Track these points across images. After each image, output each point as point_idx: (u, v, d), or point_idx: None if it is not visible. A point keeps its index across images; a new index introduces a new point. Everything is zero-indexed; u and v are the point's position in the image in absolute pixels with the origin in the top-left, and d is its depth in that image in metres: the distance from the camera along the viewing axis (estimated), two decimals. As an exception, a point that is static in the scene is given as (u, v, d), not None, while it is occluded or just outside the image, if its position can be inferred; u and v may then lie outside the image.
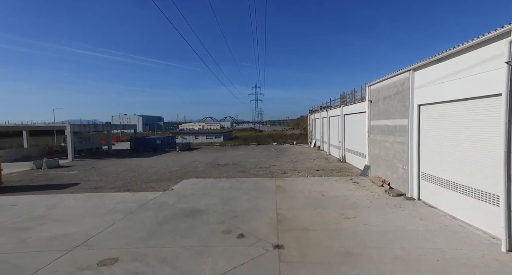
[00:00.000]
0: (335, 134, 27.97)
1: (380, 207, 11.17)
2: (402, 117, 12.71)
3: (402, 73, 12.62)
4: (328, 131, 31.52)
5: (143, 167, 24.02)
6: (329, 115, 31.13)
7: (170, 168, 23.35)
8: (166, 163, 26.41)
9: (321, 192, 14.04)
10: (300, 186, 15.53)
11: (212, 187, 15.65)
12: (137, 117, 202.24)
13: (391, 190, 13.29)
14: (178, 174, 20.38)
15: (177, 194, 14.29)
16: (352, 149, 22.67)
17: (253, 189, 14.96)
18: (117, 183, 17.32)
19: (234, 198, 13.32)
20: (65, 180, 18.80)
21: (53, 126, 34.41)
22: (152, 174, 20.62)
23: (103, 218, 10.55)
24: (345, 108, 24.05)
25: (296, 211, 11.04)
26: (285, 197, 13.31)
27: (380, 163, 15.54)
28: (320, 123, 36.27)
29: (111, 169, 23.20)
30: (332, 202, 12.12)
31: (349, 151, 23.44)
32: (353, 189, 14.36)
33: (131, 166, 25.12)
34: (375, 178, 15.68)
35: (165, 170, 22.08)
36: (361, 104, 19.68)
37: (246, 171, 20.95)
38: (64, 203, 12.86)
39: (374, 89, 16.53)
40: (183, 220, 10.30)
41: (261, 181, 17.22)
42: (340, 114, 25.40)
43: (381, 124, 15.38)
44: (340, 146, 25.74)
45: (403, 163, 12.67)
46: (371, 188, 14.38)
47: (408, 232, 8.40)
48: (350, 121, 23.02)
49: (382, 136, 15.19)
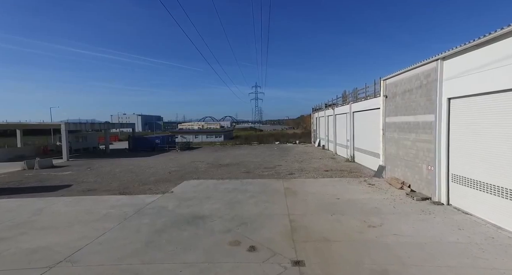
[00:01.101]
0: (343, 133, 26.74)
1: (406, 213, 9.94)
2: (427, 112, 11.48)
3: (427, 63, 11.39)
4: (334, 130, 30.29)
5: (141, 167, 22.77)
6: (335, 113, 29.90)
7: (170, 168, 22.12)
8: (165, 163, 25.17)
9: (335, 194, 12.81)
10: (311, 188, 14.30)
11: (215, 189, 14.42)
12: (136, 116, 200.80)
13: (413, 193, 12.06)
14: (178, 174, 19.14)
15: (177, 197, 13.05)
16: (362, 148, 21.44)
17: (260, 192, 13.73)
18: (112, 185, 16.07)
19: (240, 201, 12.10)
20: (57, 181, 17.55)
21: (48, 125, 33.13)
22: (150, 174, 19.38)
23: (94, 226, 9.30)
24: (355, 105, 22.81)
25: (311, 217, 9.81)
26: (296, 200, 12.08)
27: (398, 163, 14.31)
28: (325, 122, 35.04)
29: (107, 169, 21.95)
30: (350, 207, 10.89)
31: (359, 150, 22.21)
32: (370, 192, 13.13)
33: (128, 166, 23.87)
34: (393, 179, 14.45)
35: (164, 171, 20.84)
36: (373, 100, 18.45)
37: (250, 171, 19.72)
38: (52, 207, 11.60)
39: (391, 84, 15.30)
40: (184, 228, 9.07)
41: (268, 182, 15.99)
42: (349, 112, 24.17)
43: (399, 121, 14.15)
44: (348, 145, 24.52)
45: (428, 163, 11.44)
46: (389, 191, 13.15)
47: (450, 246, 7.16)
48: (360, 119, 21.79)
49: (401, 134, 13.95)
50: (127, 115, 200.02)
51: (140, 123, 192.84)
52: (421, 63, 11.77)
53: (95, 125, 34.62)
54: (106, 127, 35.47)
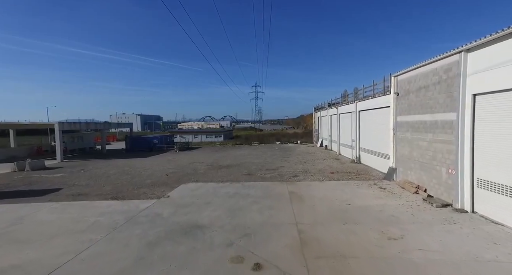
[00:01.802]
0: (347, 132, 25.73)
1: (428, 222, 8.93)
2: (447, 110, 10.46)
3: (447, 57, 10.37)
4: (337, 130, 29.29)
5: (137, 169, 21.74)
6: (339, 112, 28.89)
7: (167, 170, 21.08)
8: (162, 164, 24.13)
9: (345, 200, 11.80)
10: (318, 192, 13.29)
11: (215, 194, 13.40)
12: (135, 116, 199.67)
13: (431, 199, 11.05)
14: (176, 177, 18.11)
15: (173, 202, 12.03)
16: (369, 149, 20.44)
17: (263, 196, 12.72)
18: (105, 188, 15.04)
19: (242, 208, 11.08)
20: (47, 184, 16.50)
21: (41, 125, 32.06)
22: (146, 177, 18.35)
23: (79, 238, 8.28)
24: (361, 103, 21.80)
25: (322, 227, 8.80)
26: (303, 207, 11.07)
27: (412, 165, 13.30)
28: (328, 121, 34.02)
29: (102, 171, 20.90)
30: (364, 215, 9.88)
31: (365, 151, 21.21)
32: (383, 197, 12.12)
33: (124, 167, 22.83)
34: (406, 182, 13.44)
35: (161, 172, 19.81)
36: (382, 98, 17.43)
37: (252, 174, 18.71)
38: (35, 215, 10.56)
39: (403, 80, 14.28)
40: (180, 240, 8.06)
41: (271, 185, 14.98)
42: (354, 111, 23.16)
43: (413, 120, 13.14)
44: (354, 145, 23.51)
45: (448, 166, 10.43)
46: (404, 196, 12.14)
47: (491, 266, 6.14)
48: (367, 118, 20.78)
49: (415, 134, 12.94)
50: (126, 115, 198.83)
51: (140, 123, 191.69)
52: (440, 56, 10.75)
53: (91, 125, 33.55)
54: (103, 127, 34.37)
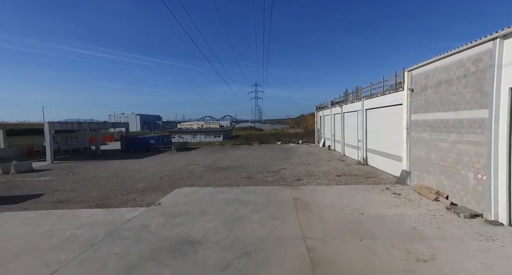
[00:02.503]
0: (353, 132, 24.42)
1: (459, 237, 7.62)
2: (476, 107, 9.15)
3: (477, 45, 9.05)
4: (342, 129, 27.97)
5: (130, 171, 20.42)
6: (343, 111, 27.57)
7: (162, 172, 19.77)
8: (157, 166, 22.81)
9: (356, 208, 10.49)
10: (325, 198, 11.99)
11: (212, 200, 12.09)
12: (134, 116, 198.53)
13: (455, 208, 9.74)
14: (171, 180, 16.80)
15: (164, 211, 10.71)
16: (377, 150, 19.12)
17: (264, 204, 11.41)
18: (91, 194, 13.72)
19: (241, 218, 9.78)
20: (28, 189, 15.17)
21: (30, 124, 30.72)
22: (138, 180, 17.03)
23: (46, 258, 6.97)
24: (368, 101, 20.48)
25: (334, 244, 7.49)
26: (311, 216, 9.77)
27: (430, 169, 11.98)
28: (331, 121, 32.70)
29: (91, 174, 19.59)
30: (381, 227, 8.57)
31: (373, 152, 19.89)
32: (399, 204, 10.80)
33: (116, 169, 21.51)
34: (422, 188, 12.13)
35: (155, 175, 18.49)
36: (393, 95, 16.12)
37: (252, 177, 17.40)
38: (4, 228, 9.25)
39: (419, 75, 12.96)
40: (167, 261, 6.75)
41: (273, 190, 13.67)
42: (361, 109, 21.84)
43: (431, 118, 11.82)
44: (360, 146, 22.20)
45: (478, 171, 9.11)
46: (423, 203, 10.83)
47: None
48: (375, 117, 19.47)
49: (434, 134, 11.62)
50: (125, 115, 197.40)
51: (139, 123, 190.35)
52: (466, 46, 9.43)
53: (84, 124, 32.19)
54: (97, 127, 33.02)
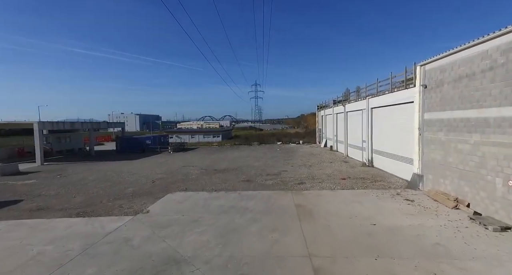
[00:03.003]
0: (357, 132, 23.29)
1: (495, 257, 6.47)
2: (507, 104, 8.01)
3: (508, 33, 7.90)
4: (345, 129, 26.84)
5: (122, 174, 19.28)
6: (346, 110, 26.43)
7: (155, 175, 18.63)
8: (152, 168, 21.66)
9: (367, 217, 9.36)
10: (331, 205, 10.86)
11: (206, 208, 10.95)
12: (134, 116, 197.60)
13: (480, 218, 8.60)
14: (163, 184, 15.66)
15: (152, 221, 9.57)
16: (384, 151, 17.99)
17: (264, 212, 10.28)
18: (74, 200, 12.58)
19: (238, 229, 8.65)
20: (8, 194, 14.01)
21: (18, 124, 29.53)
22: (129, 184, 15.88)
23: (2, 284, 5.83)
24: (374, 100, 19.34)
25: (346, 263, 6.36)
26: (316, 227, 8.64)
27: (447, 173, 10.84)
28: (333, 120, 31.55)
29: (80, 177, 18.44)
30: (398, 241, 7.44)
31: (379, 153, 18.76)
32: (415, 213, 9.65)
33: (107, 171, 20.37)
34: (438, 194, 10.99)
35: (147, 178, 17.34)
36: (402, 92, 14.98)
37: (251, 180, 16.26)
38: (-35, 242, 8.12)
39: (433, 70, 11.82)
40: (146, 287, 5.61)
41: (273, 196, 12.53)
42: (365, 108, 20.71)
43: (449, 117, 10.68)
44: (365, 146, 21.06)
45: (509, 177, 7.97)
46: (441, 212, 9.68)
47: None
48: (382, 116, 18.33)
49: (452, 135, 10.48)
50: (124, 115, 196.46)
51: (138, 122, 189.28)
52: (493, 34, 8.29)
53: (76, 124, 30.94)
54: (91, 127, 31.84)
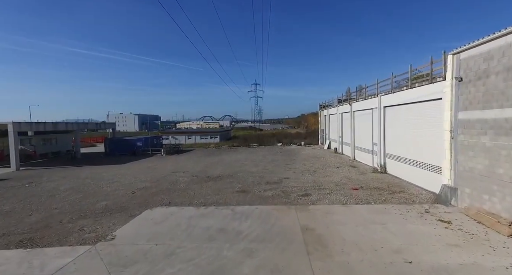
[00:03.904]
0: (366, 134, 20.99)
1: None
2: None
3: None
4: (351, 130, 24.54)
5: (101, 181, 16.98)
6: (353, 109, 24.13)
7: (139, 183, 16.33)
8: (137, 174, 19.36)
9: (397, 249, 7.07)
10: (347, 228, 8.56)
11: (188, 231, 8.66)
12: (133, 116, 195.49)
13: (555, 254, 6.29)
14: (145, 195, 13.38)
15: (113, 254, 7.27)
16: (400, 156, 15.70)
17: (262, 239, 7.99)
18: (28, 219, 10.28)
19: (225, 269, 6.36)
20: (-46, 210, 11.73)
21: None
22: (104, 196, 13.59)
23: None
24: (387, 97, 17.04)
25: None
26: (331, 267, 6.35)
27: (494, 187, 8.54)
28: (338, 120, 29.26)
29: (52, 186, 16.14)
30: (454, 298, 5.13)
31: (394, 158, 16.46)
32: (460, 244, 7.34)
33: (86, 179, 18.07)
34: (482, 214, 8.68)
35: (128, 188, 15.05)
36: (427, 88, 12.68)
37: (247, 190, 13.97)
38: None
39: (472, 58, 9.51)
40: None
41: (274, 213, 10.24)
42: (377, 107, 18.41)
43: (497, 116, 8.38)
44: (376, 150, 18.77)
45: None
46: (494, 241, 7.37)
47: None
48: (398, 116, 16.03)
49: (503, 139, 8.19)
50: (123, 115, 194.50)
51: (137, 122, 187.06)
52: None
53: (60, 125, 28.53)
54: (77, 127, 29.42)
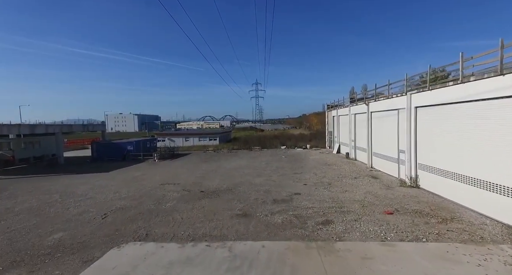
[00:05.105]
0: (389, 139, 17.89)
1: None
2: None
3: None
4: (368, 134, 21.43)
5: (71, 198, 13.94)
6: (370, 110, 21.02)
7: (116, 201, 13.28)
8: (118, 187, 16.30)
9: None
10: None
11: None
12: (132, 116, 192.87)
13: None
14: (118, 221, 10.33)
15: None
16: (440, 168, 12.60)
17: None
18: None
19: None
20: None
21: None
22: (65, 222, 10.54)
23: None
24: (421, 96, 13.94)
25: None
26: None
27: None
28: (350, 122, 26.15)
29: (8, 205, 13.06)
30: None
31: (430, 170, 13.37)
32: None
33: (55, 194, 15.03)
34: None
35: (100, 208, 12.00)
36: (492, 81, 9.57)
37: (249, 213, 10.92)
38: None
39: None
40: None
41: (287, 257, 7.16)
42: (404, 107, 15.32)
43: None
44: (403, 158, 15.69)
45: None
46: None
47: None
48: (436, 118, 12.92)
49: None
50: (123, 115, 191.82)
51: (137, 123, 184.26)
52: None
53: (38, 127, 25.22)
54: (59, 130, 26.26)
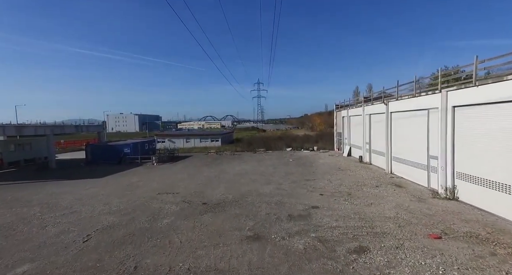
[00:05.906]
0: (414, 143, 15.88)
1: None
2: None
3: None
4: (387, 137, 19.42)
5: (52, 213, 12.02)
6: (390, 110, 19.01)
7: (104, 216, 11.34)
8: (109, 198, 14.36)
9: None
10: None
11: None
12: (133, 116, 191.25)
13: None
14: (101, 247, 8.37)
15: None
16: (489, 179, 10.59)
17: None
18: None
19: None
20: None
21: None
22: (36, 248, 8.60)
23: None
24: (459, 94, 11.92)
25: None
26: None
27: None
28: (364, 123, 24.13)
29: (-23, 222, 11.19)
30: None
31: (473, 180, 11.36)
32: None
33: (35, 206, 13.11)
34: None
35: (83, 227, 10.05)
36: None
37: (262, 235, 8.95)
38: None
39: None
40: None
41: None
42: (436, 107, 13.33)
43: None
44: (435, 165, 13.70)
45: None
46: None
47: None
48: (485, 120, 10.90)
49: None
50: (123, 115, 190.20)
51: (138, 123, 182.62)
52: None
53: (27, 129, 23.36)
54: (50, 131, 24.33)
